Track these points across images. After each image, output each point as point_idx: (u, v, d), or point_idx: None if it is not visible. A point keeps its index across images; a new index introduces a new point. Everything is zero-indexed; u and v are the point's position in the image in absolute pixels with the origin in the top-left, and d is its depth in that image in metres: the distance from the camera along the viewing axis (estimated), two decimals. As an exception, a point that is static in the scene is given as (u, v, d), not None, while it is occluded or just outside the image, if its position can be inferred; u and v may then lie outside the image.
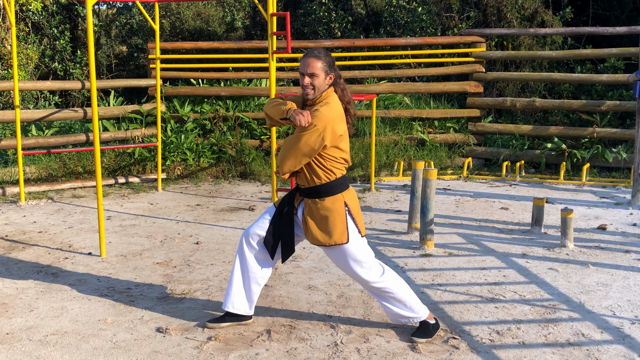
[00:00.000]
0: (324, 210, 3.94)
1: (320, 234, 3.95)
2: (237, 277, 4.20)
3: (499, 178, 9.35)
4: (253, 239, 4.14)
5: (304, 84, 3.91)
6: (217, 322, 4.22)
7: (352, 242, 3.94)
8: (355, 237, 3.96)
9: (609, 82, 9.65)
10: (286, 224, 4.07)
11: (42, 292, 4.93)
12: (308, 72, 3.89)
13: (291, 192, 4.11)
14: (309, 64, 3.89)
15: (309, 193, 3.99)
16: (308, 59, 3.92)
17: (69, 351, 3.90)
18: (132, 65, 16.37)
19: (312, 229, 3.98)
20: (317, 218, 3.97)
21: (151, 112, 9.97)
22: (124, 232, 6.65)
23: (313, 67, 3.88)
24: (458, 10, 12.50)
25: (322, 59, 3.92)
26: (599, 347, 3.94)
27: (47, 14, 14.37)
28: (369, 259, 4.01)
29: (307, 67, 3.89)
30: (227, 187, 9.05)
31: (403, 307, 4.09)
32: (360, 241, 3.99)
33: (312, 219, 3.98)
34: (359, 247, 3.97)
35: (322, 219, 3.95)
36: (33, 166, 9.11)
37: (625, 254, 5.82)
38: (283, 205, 4.09)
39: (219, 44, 10.71)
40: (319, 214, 3.96)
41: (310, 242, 4.01)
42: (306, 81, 3.90)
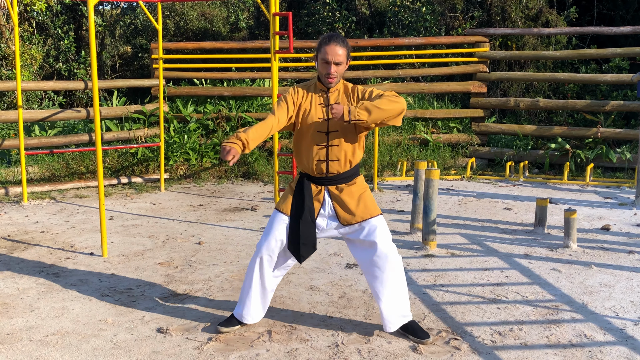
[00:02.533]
0: (359, 189, 4.02)
1: (365, 210, 3.96)
2: (255, 291, 4.11)
3: (502, 178, 9.32)
4: (271, 252, 4.02)
5: (329, 73, 3.82)
6: (230, 325, 4.18)
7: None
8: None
9: (614, 82, 9.62)
10: (309, 222, 3.97)
11: (44, 292, 4.92)
12: (336, 61, 3.81)
13: (308, 189, 3.97)
14: (336, 52, 3.80)
15: (343, 178, 3.98)
16: (335, 46, 3.80)
17: (69, 351, 3.89)
18: (137, 65, 16.40)
19: (354, 209, 3.95)
20: (357, 193, 3.99)
21: (154, 112, 9.97)
22: (126, 232, 6.64)
23: (341, 55, 3.81)
24: (462, 10, 12.47)
25: (345, 45, 3.86)
26: (602, 348, 3.91)
27: (51, 14, 14.39)
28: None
29: (335, 56, 3.80)
30: (229, 187, 9.05)
31: (406, 299, 4.07)
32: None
33: (349, 201, 3.96)
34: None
35: (360, 197, 3.99)
36: (36, 166, 9.12)
37: (629, 254, 5.79)
38: (303, 205, 3.95)
39: (222, 44, 10.71)
40: (357, 194, 3.99)
41: (351, 222, 3.95)
42: (333, 70, 3.82)
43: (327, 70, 3.84)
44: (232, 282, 5.12)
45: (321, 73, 3.89)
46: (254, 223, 7.01)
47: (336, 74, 3.86)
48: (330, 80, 3.87)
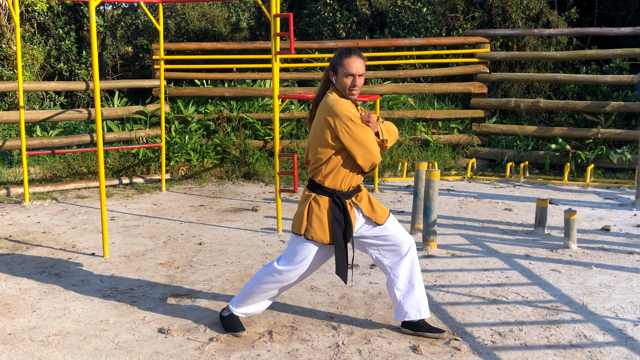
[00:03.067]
0: (366, 192, 4.11)
1: (382, 209, 4.07)
2: (264, 304, 4.18)
3: (502, 179, 9.33)
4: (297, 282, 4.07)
5: (355, 85, 3.80)
6: (240, 329, 4.17)
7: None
8: None
9: (614, 82, 9.63)
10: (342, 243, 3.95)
11: (45, 292, 4.94)
12: (359, 74, 3.79)
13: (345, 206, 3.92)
14: (360, 65, 3.78)
15: (359, 186, 4.06)
16: (357, 59, 3.78)
17: (71, 352, 3.91)
18: (138, 65, 16.41)
19: (378, 210, 4.04)
20: (371, 201, 4.07)
21: (155, 113, 9.99)
22: (127, 233, 6.66)
23: (361, 67, 3.80)
24: (463, 10, 12.48)
25: (364, 60, 3.85)
26: (601, 349, 3.92)
27: (52, 15, 14.41)
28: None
29: (360, 69, 3.78)
30: (230, 187, 9.06)
31: (424, 294, 4.13)
32: None
33: (371, 204, 4.05)
34: None
35: (372, 200, 4.08)
36: (37, 167, 9.14)
37: (629, 255, 5.81)
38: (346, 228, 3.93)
39: (223, 44, 10.73)
40: (368, 198, 4.07)
41: (386, 216, 4.04)
42: (358, 83, 3.81)
43: (353, 82, 3.80)
44: (233, 282, 5.13)
45: (343, 87, 3.81)
46: (255, 224, 7.03)
47: (359, 87, 3.84)
48: (355, 93, 3.84)
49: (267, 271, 4.06)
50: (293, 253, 3.98)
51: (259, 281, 4.08)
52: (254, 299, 4.14)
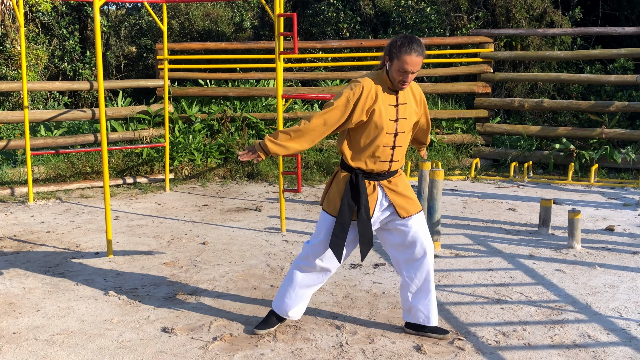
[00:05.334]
0: (405, 182, 4.06)
1: (412, 204, 4.01)
2: (301, 291, 4.12)
3: (506, 179, 9.33)
4: (322, 256, 4.02)
5: (405, 81, 3.75)
6: (267, 326, 4.16)
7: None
8: None
9: (618, 82, 9.61)
10: (365, 220, 3.91)
11: (49, 291, 4.95)
12: (414, 71, 3.74)
13: (363, 187, 3.89)
14: (416, 62, 3.71)
15: (394, 172, 4.01)
16: (417, 57, 3.70)
17: (75, 351, 3.92)
18: (142, 65, 16.44)
19: (408, 199, 4.00)
20: (407, 188, 4.03)
21: (159, 113, 10.00)
22: (131, 232, 6.67)
23: (419, 64, 3.74)
24: (467, 10, 12.47)
25: (424, 52, 3.76)
26: (605, 349, 3.92)
27: (56, 15, 14.44)
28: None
29: (414, 67, 3.71)
30: (234, 187, 9.07)
31: (435, 302, 4.11)
32: None
33: (403, 191, 4.00)
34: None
35: (406, 191, 4.02)
36: (42, 166, 9.16)
37: (633, 255, 5.80)
38: (359, 204, 3.89)
39: (227, 44, 10.74)
40: (404, 188, 4.02)
41: (411, 213, 3.97)
42: (410, 79, 3.77)
43: (404, 78, 3.75)
44: (237, 282, 5.14)
45: (394, 78, 3.77)
46: (259, 223, 7.03)
47: (410, 82, 3.82)
48: (404, 87, 3.81)
49: (299, 254, 4.11)
50: (317, 226, 4.05)
51: (295, 267, 4.10)
52: (289, 295, 4.11)
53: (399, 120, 3.86)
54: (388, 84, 3.84)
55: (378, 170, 3.92)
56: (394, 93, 3.86)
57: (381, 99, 3.81)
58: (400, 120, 3.87)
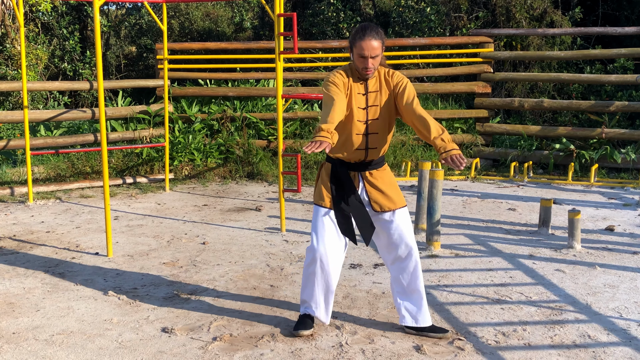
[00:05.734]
0: (389, 176, 4.08)
1: (395, 197, 4.03)
2: (320, 293, 4.08)
3: (506, 179, 9.32)
4: (327, 248, 3.99)
5: (367, 67, 3.83)
6: (307, 327, 4.11)
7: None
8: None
9: (618, 82, 9.61)
10: (357, 205, 3.97)
11: (49, 291, 4.95)
12: (372, 55, 3.82)
13: (345, 174, 3.97)
14: (372, 46, 3.79)
15: (376, 163, 4.03)
16: (370, 40, 3.79)
17: (74, 351, 3.92)
18: (142, 65, 16.44)
19: (385, 196, 4.01)
20: (388, 182, 4.05)
21: (159, 113, 10.00)
22: (131, 232, 6.67)
23: (376, 47, 3.82)
24: (467, 10, 12.47)
25: (380, 37, 3.85)
26: (605, 349, 3.92)
27: (56, 15, 14.43)
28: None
29: (371, 50, 3.79)
30: (234, 187, 9.07)
31: (424, 303, 4.10)
32: None
33: (384, 185, 4.02)
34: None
35: (390, 184, 4.05)
36: (41, 166, 9.16)
37: (633, 255, 5.79)
38: (343, 191, 3.96)
39: (227, 44, 10.73)
40: (388, 180, 4.05)
41: (384, 209, 3.99)
42: (370, 64, 3.83)
43: (365, 64, 3.84)
44: (237, 282, 5.13)
45: (358, 67, 3.88)
46: (259, 223, 7.03)
47: (373, 67, 3.87)
48: (368, 73, 3.89)
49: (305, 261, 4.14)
50: (312, 224, 4.09)
51: (304, 266, 4.10)
52: (308, 291, 4.10)
53: (369, 108, 3.92)
54: (357, 74, 3.96)
55: (355, 159, 3.97)
56: (363, 82, 3.96)
57: (352, 88, 3.92)
58: (371, 107, 3.93)
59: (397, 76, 4.00)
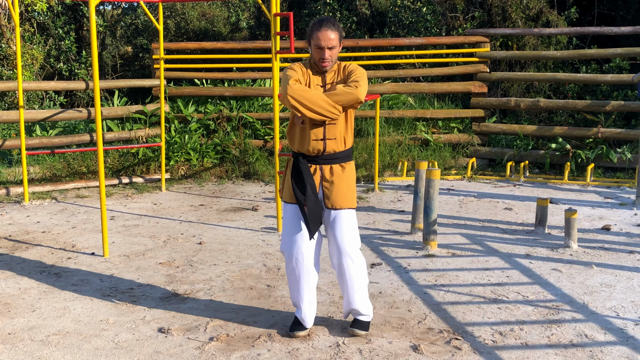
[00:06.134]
0: (350, 173, 4.07)
1: (348, 197, 4.02)
2: (301, 292, 4.09)
3: (503, 178, 9.33)
4: (300, 246, 4.01)
5: (324, 58, 3.87)
6: (302, 329, 4.11)
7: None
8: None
9: (614, 82, 9.62)
10: (313, 198, 3.96)
11: (45, 292, 4.93)
12: (329, 46, 3.85)
13: (305, 167, 3.97)
14: (328, 37, 3.84)
15: (338, 158, 4.02)
16: (327, 31, 3.84)
17: (70, 351, 3.90)
18: (137, 65, 16.40)
19: (341, 193, 4.00)
20: (345, 181, 4.03)
21: (155, 113, 9.98)
22: (127, 232, 6.65)
23: (333, 39, 3.85)
24: (463, 10, 12.48)
25: (337, 29, 3.89)
26: (602, 348, 3.92)
27: (52, 15, 14.39)
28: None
29: (328, 41, 3.83)
30: (230, 187, 9.05)
31: (366, 297, 4.11)
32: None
33: (340, 182, 4.01)
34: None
35: (348, 182, 4.04)
36: (37, 166, 9.13)
37: (630, 254, 5.80)
38: (303, 183, 3.96)
39: (223, 44, 10.72)
40: (346, 177, 4.04)
41: (332, 207, 3.99)
42: (327, 55, 3.86)
43: (321, 55, 3.88)
44: (234, 282, 5.12)
45: (315, 58, 3.92)
46: (255, 223, 7.02)
47: (330, 58, 3.90)
48: (325, 65, 3.92)
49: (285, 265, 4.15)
50: (282, 222, 4.14)
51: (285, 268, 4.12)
52: (292, 290, 4.12)
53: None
54: (315, 68, 4.00)
55: (314, 149, 3.97)
56: (321, 75, 3.99)
57: (309, 80, 3.96)
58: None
59: (352, 66, 4.03)
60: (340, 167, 4.04)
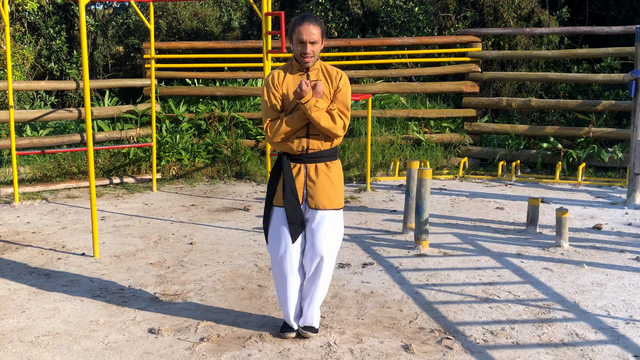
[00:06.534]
0: (336, 173, 4.02)
1: (333, 197, 3.98)
2: (296, 297, 4.06)
3: (494, 178, 9.34)
4: (285, 248, 3.96)
5: (305, 52, 3.83)
6: (292, 330, 4.09)
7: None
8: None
9: (605, 81, 9.64)
10: (292, 200, 3.92)
11: (35, 292, 4.90)
12: (311, 40, 3.82)
13: (287, 168, 3.93)
14: (310, 31, 3.81)
15: (323, 156, 3.98)
16: (309, 25, 3.81)
17: (60, 352, 3.88)
18: (129, 65, 16.35)
19: (325, 193, 3.95)
20: (330, 181, 3.98)
21: (146, 112, 9.95)
22: (117, 233, 6.62)
23: (315, 34, 3.82)
24: (455, 10, 12.49)
25: (319, 24, 3.87)
26: (593, 347, 3.92)
27: (43, 14, 14.33)
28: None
29: (310, 35, 3.80)
30: (222, 187, 9.03)
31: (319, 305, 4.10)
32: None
33: (325, 182, 3.96)
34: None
35: (333, 181, 3.99)
36: (27, 166, 9.09)
37: (620, 253, 5.81)
38: (284, 185, 3.92)
39: (215, 43, 10.69)
40: (332, 177, 3.99)
41: (319, 207, 3.94)
42: (309, 50, 3.83)
43: (303, 49, 3.84)
44: (225, 282, 5.10)
45: (297, 54, 3.89)
46: (247, 223, 7.00)
47: (312, 53, 3.86)
48: (307, 60, 3.88)
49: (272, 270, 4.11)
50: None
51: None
52: (279, 292, 4.07)
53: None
54: (297, 67, 3.96)
55: (297, 148, 3.93)
56: (304, 73, 3.96)
57: (290, 81, 3.94)
58: (314, 93, 3.89)
59: (339, 72, 4.00)
60: (325, 166, 3.99)
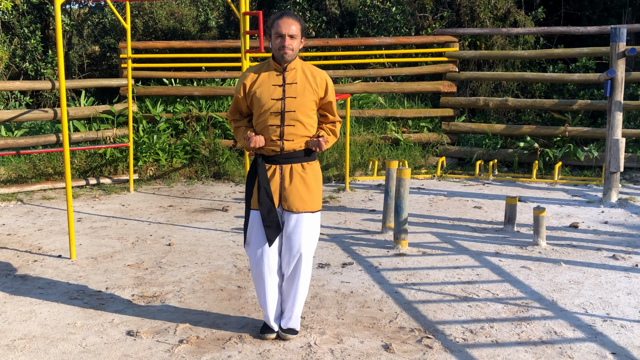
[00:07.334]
0: (312, 174, 3.98)
1: (308, 200, 3.93)
2: (275, 298, 4.03)
3: (472, 177, 9.39)
4: (271, 254, 3.95)
5: (284, 45, 3.79)
6: (272, 331, 4.06)
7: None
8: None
9: (581, 81, 9.74)
10: (267, 203, 3.88)
11: (10, 295, 4.83)
12: (290, 34, 3.79)
13: (262, 170, 3.90)
14: (289, 24, 3.78)
15: (299, 157, 3.94)
16: (287, 19, 3.80)
17: (37, 356, 3.83)
18: (105, 65, 16.20)
19: (299, 196, 3.91)
20: (306, 183, 3.94)
21: (123, 112, 9.86)
22: (94, 234, 6.55)
23: (294, 29, 3.80)
24: (432, 10, 12.54)
25: (299, 21, 3.85)
26: (572, 345, 3.95)
27: (17, 14, 14.15)
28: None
29: (288, 29, 3.78)
30: (200, 187, 8.98)
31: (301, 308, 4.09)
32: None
33: (300, 184, 3.92)
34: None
35: (309, 183, 3.95)
36: (2, 167, 8.96)
37: (597, 251, 5.87)
38: (259, 187, 3.89)
39: (192, 43, 10.64)
40: (308, 178, 3.95)
41: (293, 209, 3.90)
42: (287, 43, 3.79)
43: (282, 43, 3.80)
44: (203, 283, 5.07)
45: (275, 49, 3.84)
46: (225, 224, 6.97)
47: (291, 46, 3.82)
48: (285, 52, 3.82)
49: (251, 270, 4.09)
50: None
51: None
52: (258, 294, 4.05)
53: (285, 99, 3.87)
54: (274, 66, 3.92)
55: (272, 149, 3.90)
56: (281, 74, 3.91)
57: (264, 81, 3.90)
58: (288, 99, 3.87)
59: (321, 74, 3.97)
60: (301, 167, 3.94)
